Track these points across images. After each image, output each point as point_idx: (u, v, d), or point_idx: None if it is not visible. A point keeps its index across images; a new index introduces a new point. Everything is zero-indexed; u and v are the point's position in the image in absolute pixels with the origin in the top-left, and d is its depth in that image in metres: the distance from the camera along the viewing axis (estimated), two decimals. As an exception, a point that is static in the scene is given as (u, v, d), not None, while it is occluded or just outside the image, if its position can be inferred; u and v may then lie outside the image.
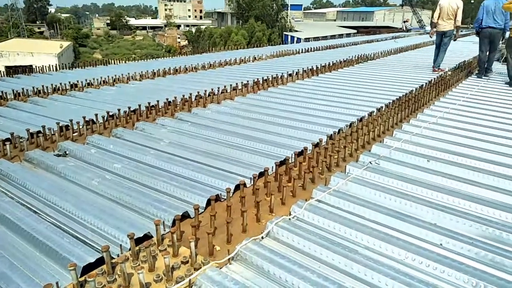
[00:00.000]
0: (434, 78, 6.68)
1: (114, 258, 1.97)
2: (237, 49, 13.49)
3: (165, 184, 2.79)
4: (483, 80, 7.13)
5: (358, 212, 2.50)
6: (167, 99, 5.02)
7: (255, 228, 2.33)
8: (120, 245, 2.07)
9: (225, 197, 2.56)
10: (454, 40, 8.01)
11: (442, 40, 7.84)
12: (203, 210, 2.52)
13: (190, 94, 5.25)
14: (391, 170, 3.16)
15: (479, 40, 7.38)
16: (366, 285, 1.86)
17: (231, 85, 5.89)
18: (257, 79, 6.45)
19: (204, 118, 4.56)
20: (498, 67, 8.80)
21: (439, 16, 7.69)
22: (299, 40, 34.43)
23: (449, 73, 7.24)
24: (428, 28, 32.31)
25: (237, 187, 2.76)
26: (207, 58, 9.31)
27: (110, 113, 4.41)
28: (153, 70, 7.52)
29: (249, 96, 5.70)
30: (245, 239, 2.10)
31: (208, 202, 2.51)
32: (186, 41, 55.49)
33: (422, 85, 6.20)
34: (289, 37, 40.86)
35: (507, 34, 7.05)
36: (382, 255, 2.08)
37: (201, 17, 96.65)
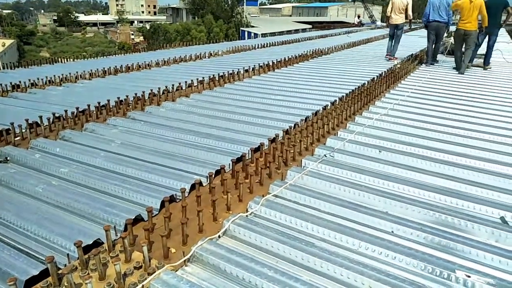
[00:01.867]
0: (385, 71, 6.93)
1: (61, 269, 1.85)
2: (198, 44, 13.26)
3: (116, 187, 2.67)
4: (430, 72, 7.51)
5: (314, 205, 2.53)
6: (118, 98, 4.82)
7: (212, 227, 2.29)
8: (68, 254, 1.96)
9: (181, 198, 2.50)
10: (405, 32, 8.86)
11: (395, 32, 8.68)
12: (157, 212, 2.44)
13: (143, 92, 5.08)
14: (345, 162, 3.23)
15: (427, 32, 8.23)
16: (322, 276, 1.89)
17: (186, 82, 5.77)
18: (213, 75, 6.37)
19: (158, 117, 4.43)
20: (442, 58, 9.31)
21: (391, 10, 8.53)
22: (256, 36, 34.48)
23: (398, 66, 7.55)
24: (378, 23, 33.58)
25: (193, 187, 2.70)
26: (161, 55, 9.06)
27: (57, 115, 4.16)
28: (104, 68, 7.20)
29: (205, 93, 5.61)
30: (200, 239, 2.06)
31: (162, 204, 2.43)
32: (142, 37, 53.84)
33: (374, 78, 6.41)
34: (246, 33, 40.81)
35: (451, 28, 7.94)
36: (337, 246, 2.12)
37: (155, 13, 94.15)
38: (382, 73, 6.76)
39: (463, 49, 7.63)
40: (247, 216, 2.37)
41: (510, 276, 1.90)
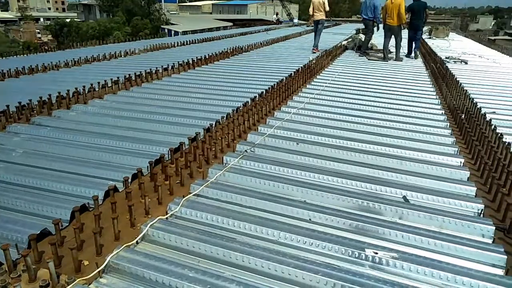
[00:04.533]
0: (301, 67, 7.23)
1: (-52, 300, 1.62)
2: (118, 42, 12.52)
3: (18, 200, 2.42)
4: (342, 66, 8.01)
5: (236, 200, 2.55)
6: (19, 103, 4.36)
7: (129, 234, 2.19)
8: (-43, 282, 1.72)
9: (94, 206, 2.34)
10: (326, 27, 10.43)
11: (317, 27, 10.14)
12: (67, 224, 2.26)
13: (50, 95, 4.66)
14: (265, 156, 3.31)
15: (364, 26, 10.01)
16: (244, 270, 1.91)
17: (99, 82, 5.42)
18: (129, 75, 6.07)
19: (68, 121, 4.10)
20: (350, 52, 10.03)
21: (312, 9, 9.98)
22: (176, 34, 33.70)
23: (314, 61, 7.93)
24: (296, 20, 34.94)
25: (108, 193, 2.55)
26: (71, 55, 8.39)
27: None
28: (3, 70, 6.46)
29: (121, 94, 5.33)
30: (116, 247, 1.95)
31: (73, 214, 2.25)
32: (50, 36, 49.27)
33: (291, 73, 6.66)
34: (166, 31, 39.67)
35: (381, 26, 9.41)
36: (258, 239, 2.16)
37: (64, 9, 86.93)
38: (299, 68, 7.04)
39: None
40: (166, 218, 2.30)
41: (410, 248, 2.10)
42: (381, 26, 9.51)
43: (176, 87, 5.73)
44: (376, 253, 2.01)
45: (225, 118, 4.14)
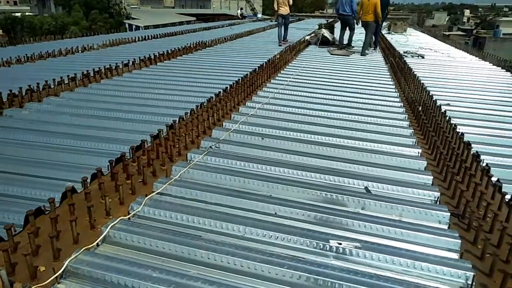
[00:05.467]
0: (266, 62, 7.24)
1: None
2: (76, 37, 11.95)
3: (-35, 206, 2.26)
4: (305, 61, 8.10)
5: (201, 197, 2.52)
6: (-35, 102, 4.08)
7: (89, 236, 2.10)
8: None
9: (50, 209, 2.23)
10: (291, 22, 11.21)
11: (283, 21, 10.51)
12: (21, 229, 2.14)
13: (0, 93, 4.38)
14: (230, 152, 3.29)
15: (340, 22, 10.21)
16: (210, 268, 1.89)
17: (54, 79, 5.15)
18: (87, 71, 5.83)
19: (21, 120, 3.88)
20: (313, 47, 10.18)
21: (277, 4, 10.23)
22: (138, 28, 32.72)
23: (278, 56, 7.97)
24: (260, 15, 34.96)
25: (65, 195, 2.43)
26: (24, 51, 7.93)
27: None
28: None
29: (78, 91, 5.11)
30: (75, 251, 1.87)
31: (27, 218, 2.13)
32: (0, 31, 46.34)
33: (256, 68, 6.65)
34: (127, 25, 38.41)
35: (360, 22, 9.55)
36: (224, 235, 2.15)
37: (15, 3, 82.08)
38: (263, 63, 7.05)
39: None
40: (129, 218, 2.24)
41: (372, 237, 2.16)
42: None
43: (138, 83, 5.56)
44: (340, 244, 2.06)
45: (189, 114, 4.07)
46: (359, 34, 10.35)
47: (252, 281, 1.81)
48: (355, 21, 9.65)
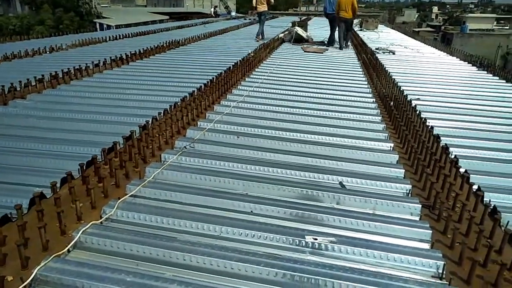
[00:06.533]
0: (240, 60, 7.22)
1: None
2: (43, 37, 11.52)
3: None
4: (280, 58, 8.14)
5: (175, 198, 2.48)
6: None
7: (60, 242, 2.03)
8: None
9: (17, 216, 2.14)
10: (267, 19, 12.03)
11: (261, 18, 11.06)
12: (-14, 239, 2.04)
13: (-38, 97, 4.19)
14: (205, 151, 3.26)
15: (329, 21, 10.62)
16: (186, 269, 1.87)
17: (20, 81, 4.95)
18: (56, 72, 5.64)
19: (-15, 125, 3.72)
20: (287, 45, 10.26)
21: (256, 2, 10.81)
22: (109, 28, 31.95)
23: (252, 54, 7.96)
24: (234, 13, 34.82)
25: (33, 201, 2.35)
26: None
27: None
28: None
29: (47, 93, 4.94)
30: (44, 258, 1.80)
31: (-8, 227, 2.05)
32: (-39, 31, 44.13)
33: (230, 67, 6.62)
34: (98, 25, 37.43)
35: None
36: (199, 235, 2.13)
37: (-22, 2, 78.36)
38: (237, 62, 7.02)
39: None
40: (101, 223, 2.18)
41: (347, 231, 2.20)
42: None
43: (109, 84, 5.43)
44: (316, 239, 2.08)
45: (162, 114, 4.01)
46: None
47: (229, 280, 1.80)
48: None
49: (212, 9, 33.05)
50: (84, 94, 4.86)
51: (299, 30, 10.94)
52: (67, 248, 1.93)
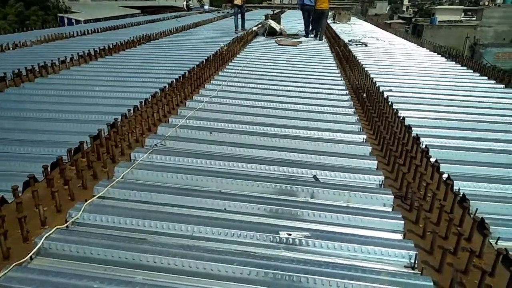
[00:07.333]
0: (213, 54, 7.12)
1: None
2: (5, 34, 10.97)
3: None
4: (253, 52, 8.08)
5: (146, 198, 2.40)
6: None
7: (22, 250, 1.92)
8: None
9: (-26, 224, 2.02)
10: (246, 11, 12.20)
11: (239, 11, 11.28)
12: None
13: None
14: (177, 148, 3.18)
15: (302, 13, 11.06)
16: (158, 272, 1.81)
17: (-20, 80, 4.71)
18: (19, 69, 5.37)
19: None
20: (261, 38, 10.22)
21: None
22: (78, 23, 30.90)
23: (225, 48, 7.86)
24: (207, 7, 34.34)
25: (-8, 207, 2.22)
26: None
27: None
28: None
29: (9, 91, 4.70)
30: (4, 267, 1.70)
31: None
32: None
33: (203, 61, 6.51)
34: (66, 19, 36.13)
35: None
36: (171, 236, 2.07)
37: None
38: (210, 56, 6.92)
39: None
40: (67, 227, 2.08)
41: (321, 225, 2.19)
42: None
43: (76, 81, 5.23)
44: (290, 235, 2.06)
45: (132, 111, 3.89)
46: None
47: (201, 281, 1.76)
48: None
49: (185, 3, 32.47)
50: (49, 92, 4.66)
51: (272, 23, 10.90)
52: (29, 256, 1.83)
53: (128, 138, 3.23)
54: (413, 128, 3.69)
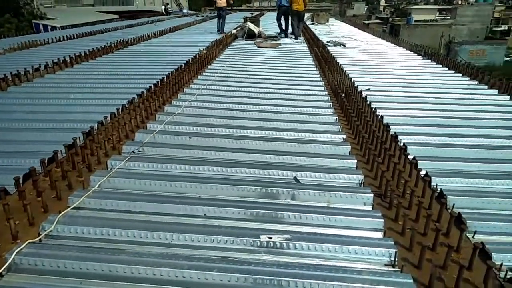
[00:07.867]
0: (191, 58, 7.06)
1: None
2: None
3: None
4: (232, 55, 8.06)
5: (123, 207, 2.35)
6: None
7: (-8, 267, 1.84)
8: None
9: None
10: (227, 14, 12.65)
11: (221, 13, 11.69)
12: None
13: None
14: (155, 155, 3.13)
15: (277, 13, 11.66)
16: (133, 282, 1.76)
17: None
18: (-10, 78, 5.21)
19: None
20: (240, 41, 10.20)
21: None
22: (54, 29, 30.26)
23: (204, 51, 7.82)
24: (185, 10, 34.19)
25: (-40, 223, 2.12)
26: None
27: None
28: None
29: (-21, 102, 4.55)
30: (-29, 287, 1.63)
31: None
32: None
33: (181, 65, 6.44)
34: (41, 26, 35.32)
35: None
36: (149, 245, 2.02)
37: None
38: (189, 60, 6.86)
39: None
40: (40, 240, 2.01)
41: (302, 227, 2.18)
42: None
43: (51, 89, 5.09)
44: (270, 238, 2.04)
45: (109, 118, 3.81)
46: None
47: (181, 290, 1.72)
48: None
49: (163, 7, 32.20)
50: (22, 101, 4.52)
51: (251, 26, 10.91)
52: (-1, 273, 1.75)
53: (104, 145, 3.16)
54: (391, 127, 3.73)
